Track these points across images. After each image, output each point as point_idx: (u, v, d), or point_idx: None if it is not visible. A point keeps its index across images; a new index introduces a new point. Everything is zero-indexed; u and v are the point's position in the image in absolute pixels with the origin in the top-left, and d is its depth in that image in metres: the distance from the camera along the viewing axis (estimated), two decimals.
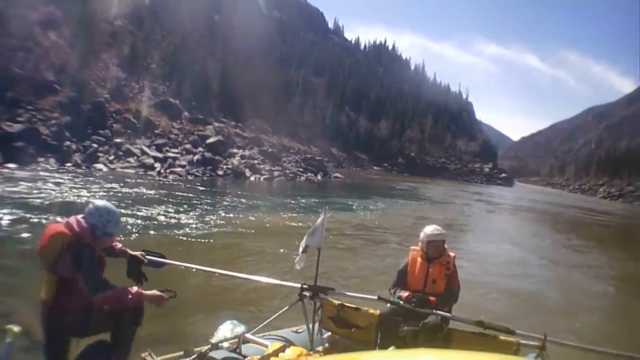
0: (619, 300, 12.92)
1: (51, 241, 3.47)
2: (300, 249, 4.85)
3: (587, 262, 17.81)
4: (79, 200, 16.04)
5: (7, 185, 16.93)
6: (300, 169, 46.15)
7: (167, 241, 11.84)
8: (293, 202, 24.43)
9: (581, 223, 38.99)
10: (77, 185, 19.34)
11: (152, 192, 21.02)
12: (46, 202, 14.75)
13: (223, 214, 17.27)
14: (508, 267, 14.86)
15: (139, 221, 13.66)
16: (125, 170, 26.79)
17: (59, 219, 11.86)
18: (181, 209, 17.45)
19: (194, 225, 14.14)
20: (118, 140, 29.79)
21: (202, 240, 12.49)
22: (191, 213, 16.98)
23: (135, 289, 3.54)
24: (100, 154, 27.51)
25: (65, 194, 16.80)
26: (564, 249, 21.11)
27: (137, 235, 12.01)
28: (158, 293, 3.63)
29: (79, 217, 3.59)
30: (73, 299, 3.45)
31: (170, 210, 16.84)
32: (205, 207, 18.59)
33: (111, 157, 27.89)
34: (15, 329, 2.86)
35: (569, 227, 33.64)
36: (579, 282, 14.16)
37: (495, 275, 13.20)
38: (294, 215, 19.74)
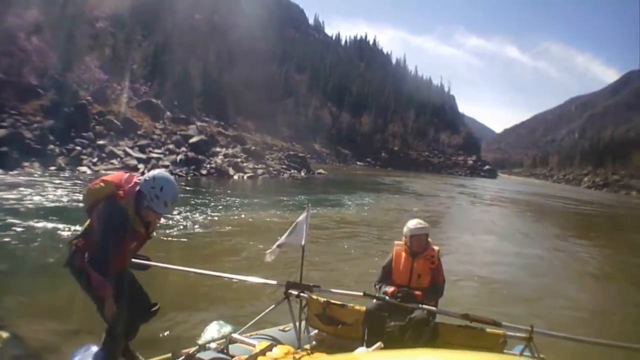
0: (605, 289, 12.99)
1: (97, 186, 3.54)
2: (275, 244, 4.92)
3: (572, 252, 17.98)
4: (63, 204, 16.36)
5: None
6: (284, 166, 46.13)
7: (152, 243, 11.83)
8: (277, 199, 24.42)
9: (565, 213, 39.53)
10: (61, 189, 19.45)
11: None
12: (30, 207, 14.88)
13: (207, 214, 17.36)
14: (492, 259, 14.94)
15: None
16: (109, 172, 26.58)
17: (45, 224, 12.34)
18: None
19: (178, 226, 14.15)
20: (101, 142, 29.91)
21: (187, 241, 12.54)
22: (175, 213, 17.18)
23: (116, 310, 3.41)
24: (84, 157, 27.65)
25: (50, 198, 16.94)
26: (547, 240, 21.25)
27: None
28: (114, 310, 3.43)
29: (138, 178, 3.54)
30: (90, 248, 3.48)
31: None
32: (189, 207, 18.52)
33: (95, 159, 28.03)
34: (4, 334, 3.11)
35: (553, 218, 34.14)
36: (564, 272, 14.30)
37: (479, 267, 13.27)
38: (278, 212, 19.73)
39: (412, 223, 5.17)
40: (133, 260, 4.09)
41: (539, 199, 54.46)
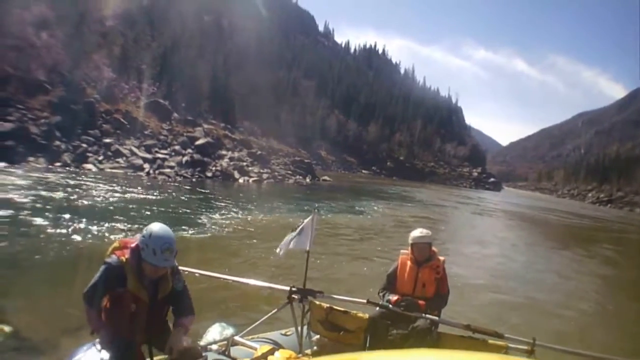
0: (608, 304, 12.94)
1: (114, 244, 3.57)
2: (284, 242, 5.02)
3: (576, 267, 17.91)
4: (67, 200, 16.21)
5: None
6: (289, 172, 45.98)
7: None
8: (282, 204, 24.41)
9: (570, 227, 39.51)
10: (65, 185, 19.40)
11: (141, 192, 21.07)
12: (34, 202, 14.79)
13: (211, 216, 17.28)
14: (496, 271, 14.97)
15: (126, 222, 13.68)
16: (114, 171, 26.88)
17: (48, 220, 12.18)
18: (169, 211, 17.55)
19: (182, 227, 14.08)
20: (107, 140, 29.80)
21: (191, 243, 12.48)
22: (179, 215, 16.98)
23: (100, 325, 3.36)
24: (90, 154, 27.54)
25: (54, 194, 16.86)
26: (551, 254, 21.34)
27: (124, 236, 11.81)
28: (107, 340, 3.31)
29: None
30: None
31: (157, 212, 16.89)
32: (193, 209, 18.59)
33: (100, 158, 27.93)
34: (6, 329, 2.97)
35: (557, 232, 34.04)
36: (567, 286, 14.31)
37: (483, 278, 13.33)
38: (283, 217, 19.69)
39: (416, 232, 5.18)
40: None
41: (543, 213, 54.24)
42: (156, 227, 3.31)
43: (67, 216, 12.82)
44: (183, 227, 14.23)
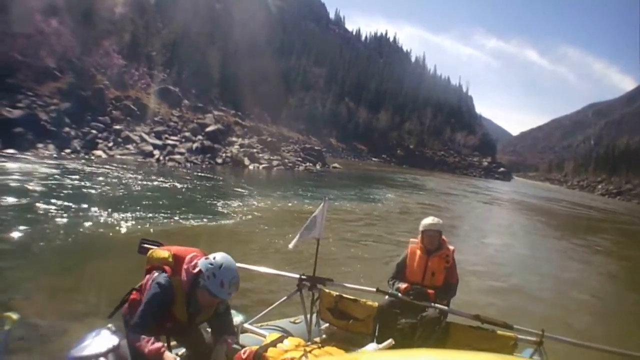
0: (620, 297, 12.96)
1: (164, 253, 3.34)
2: (297, 236, 4.87)
3: (584, 258, 17.92)
4: (76, 187, 16.13)
5: (6, 171, 17.02)
6: (299, 159, 46.08)
7: (165, 229, 11.81)
8: (292, 191, 24.44)
9: (579, 218, 39.33)
10: (75, 172, 19.39)
11: (151, 179, 21.06)
12: (43, 189, 14.76)
13: (222, 203, 17.27)
14: (506, 260, 15.01)
15: (136, 208, 13.63)
16: (124, 157, 26.88)
17: (55, 206, 12.10)
18: (180, 197, 17.59)
19: (192, 214, 14.07)
20: (117, 127, 29.77)
21: (200, 229, 12.48)
22: (189, 201, 17.01)
23: (160, 344, 3.03)
24: (100, 141, 27.52)
25: (63, 180, 16.83)
26: (561, 245, 21.24)
27: (134, 223, 11.96)
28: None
29: (202, 257, 3.26)
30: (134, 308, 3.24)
31: (168, 197, 16.90)
32: (204, 195, 18.61)
33: (110, 144, 27.92)
34: (14, 316, 2.85)
35: (567, 224, 33.74)
36: (575, 278, 14.26)
37: (492, 267, 13.34)
38: (293, 204, 19.77)
39: (427, 219, 5.12)
40: (145, 245, 3.88)
41: (552, 204, 53.98)
42: (225, 258, 3.22)
43: (76, 203, 12.81)
44: (193, 213, 14.18)
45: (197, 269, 3.17)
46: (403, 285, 4.90)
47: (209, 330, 3.52)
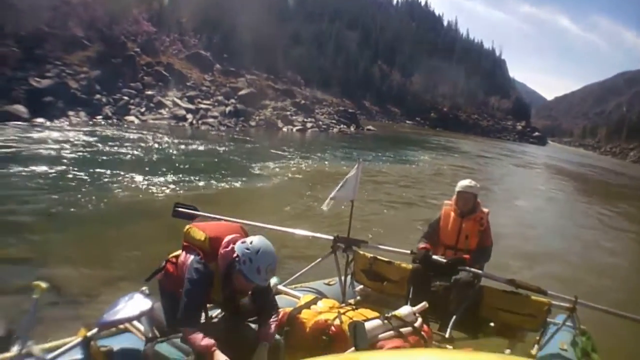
0: None
1: (200, 234, 3.17)
2: (329, 197, 4.80)
3: (617, 225, 17.55)
4: (109, 153, 15.97)
5: (37, 139, 16.81)
6: (333, 121, 46.03)
7: (200, 193, 11.88)
8: (326, 153, 24.41)
9: (612, 185, 38.79)
10: (108, 138, 19.31)
11: (185, 142, 21.09)
12: (75, 155, 14.63)
13: (256, 165, 17.29)
14: (537, 224, 14.98)
15: (171, 172, 13.59)
16: (157, 122, 26.84)
17: (83, 172, 11.88)
18: (215, 161, 17.60)
19: (227, 176, 14.10)
20: (149, 92, 29.68)
21: (236, 191, 12.58)
22: (224, 163, 17.10)
23: (212, 342, 2.87)
24: (132, 107, 27.45)
25: (96, 147, 16.71)
26: (593, 210, 20.70)
27: (169, 187, 11.91)
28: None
29: (239, 241, 3.11)
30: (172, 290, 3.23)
31: (202, 161, 16.96)
32: (238, 158, 18.61)
33: (142, 109, 27.86)
34: (43, 285, 2.78)
35: (600, 191, 32.66)
36: (608, 244, 14.04)
37: (525, 230, 13.29)
38: (328, 166, 19.85)
39: (464, 181, 5.02)
40: (179, 209, 4.16)
41: (586, 169, 52.49)
42: (263, 243, 3.08)
43: (109, 168, 12.86)
44: (228, 176, 14.24)
45: (234, 254, 3.03)
46: (422, 245, 4.83)
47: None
